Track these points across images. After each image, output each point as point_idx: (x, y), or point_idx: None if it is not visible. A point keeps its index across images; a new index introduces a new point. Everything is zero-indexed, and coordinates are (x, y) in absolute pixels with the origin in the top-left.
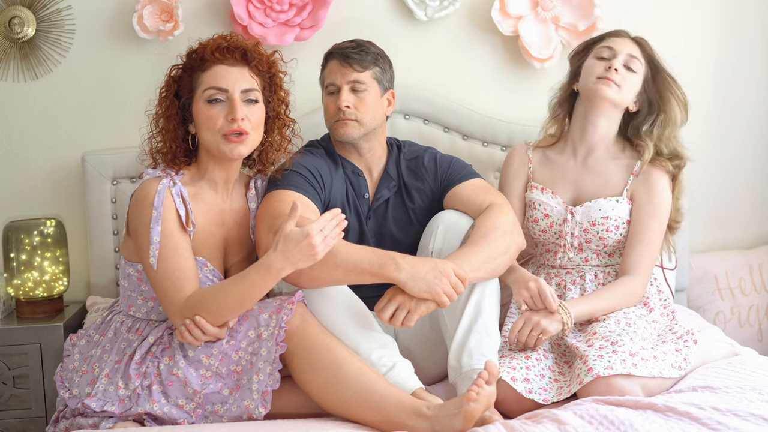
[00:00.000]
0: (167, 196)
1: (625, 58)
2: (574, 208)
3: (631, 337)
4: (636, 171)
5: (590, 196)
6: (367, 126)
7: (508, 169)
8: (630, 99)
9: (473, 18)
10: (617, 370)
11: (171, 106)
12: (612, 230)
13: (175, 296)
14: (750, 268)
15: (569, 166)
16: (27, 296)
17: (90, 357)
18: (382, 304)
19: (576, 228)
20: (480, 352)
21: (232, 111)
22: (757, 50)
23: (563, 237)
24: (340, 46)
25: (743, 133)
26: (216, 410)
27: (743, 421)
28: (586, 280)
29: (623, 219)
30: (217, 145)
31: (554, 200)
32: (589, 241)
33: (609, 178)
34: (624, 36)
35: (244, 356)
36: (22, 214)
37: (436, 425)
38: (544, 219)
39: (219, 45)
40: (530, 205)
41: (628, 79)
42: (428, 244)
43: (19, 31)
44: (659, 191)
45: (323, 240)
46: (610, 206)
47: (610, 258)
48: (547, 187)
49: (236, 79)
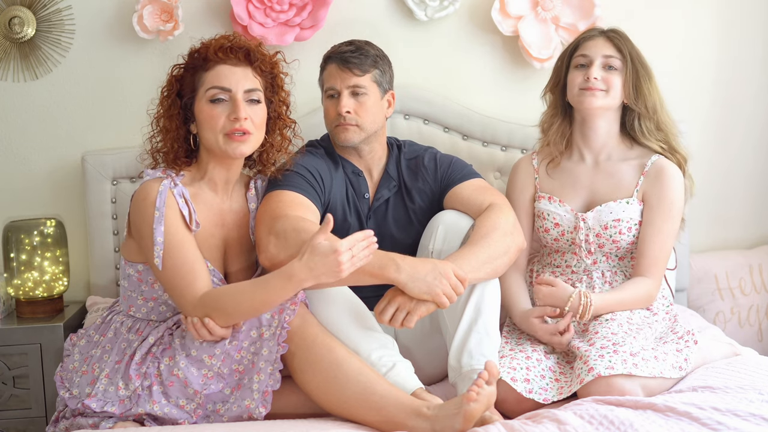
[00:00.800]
0: (169, 196)
1: (601, 62)
2: (585, 214)
3: (634, 336)
4: (647, 171)
5: (604, 199)
6: (367, 130)
7: (513, 183)
8: (619, 97)
9: (473, 18)
10: (618, 369)
11: (173, 106)
12: (625, 232)
13: (187, 291)
14: (750, 268)
15: (581, 170)
16: (27, 296)
17: (90, 357)
18: (382, 305)
19: (590, 233)
20: (480, 352)
21: (235, 110)
22: (757, 50)
23: (577, 244)
24: (338, 50)
25: (743, 133)
26: (217, 409)
27: (743, 421)
28: (593, 279)
29: (635, 220)
30: (219, 144)
31: (562, 208)
32: (603, 246)
33: (621, 180)
34: (596, 37)
35: (246, 356)
36: (22, 214)
37: (436, 425)
38: (555, 228)
39: (222, 45)
40: (539, 215)
41: (612, 81)
42: (428, 245)
43: (19, 31)
44: (671, 189)
45: (350, 258)
46: (620, 209)
47: (620, 262)
48: (554, 196)
49: (239, 79)
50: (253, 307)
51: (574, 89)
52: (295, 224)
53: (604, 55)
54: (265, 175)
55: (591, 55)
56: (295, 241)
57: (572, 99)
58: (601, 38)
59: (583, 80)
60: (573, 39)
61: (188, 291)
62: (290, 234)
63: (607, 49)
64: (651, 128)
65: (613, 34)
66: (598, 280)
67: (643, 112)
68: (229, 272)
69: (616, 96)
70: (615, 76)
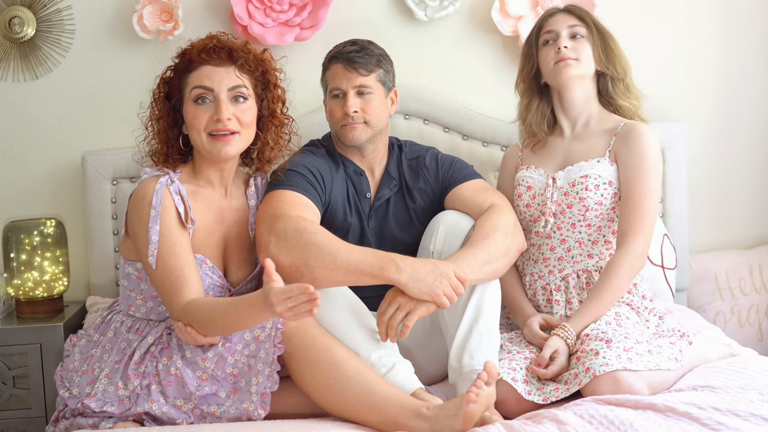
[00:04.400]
0: (165, 193)
1: (567, 32)
2: (556, 174)
3: (625, 335)
4: (618, 132)
5: (577, 161)
6: (374, 128)
7: (502, 174)
8: (592, 64)
9: (473, 18)
10: (613, 365)
11: (163, 108)
12: (591, 189)
13: (174, 297)
14: (750, 268)
15: (560, 141)
16: (27, 296)
17: (90, 357)
18: (383, 307)
19: (556, 192)
20: (480, 352)
21: (217, 111)
22: (758, 50)
23: (545, 204)
24: (343, 50)
25: (744, 134)
26: (213, 411)
27: (743, 421)
28: (570, 285)
29: (604, 179)
30: (204, 145)
31: (536, 172)
32: (571, 206)
33: (595, 144)
34: (556, 13)
35: (241, 359)
36: (22, 214)
37: (435, 426)
38: (527, 191)
39: (206, 45)
40: (516, 184)
41: (581, 49)
42: (429, 245)
43: (19, 31)
44: (643, 146)
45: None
46: (589, 166)
47: (593, 246)
48: (531, 165)
49: (222, 78)
50: (224, 326)
51: (549, 65)
52: (296, 224)
53: (568, 26)
54: (265, 173)
55: (556, 29)
56: (295, 241)
57: (548, 76)
58: (562, 13)
59: (554, 54)
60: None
61: (175, 297)
62: (291, 234)
63: (570, 20)
64: (623, 89)
65: (572, 7)
66: (573, 290)
67: (614, 74)
68: (229, 269)
69: (588, 63)
70: (583, 43)
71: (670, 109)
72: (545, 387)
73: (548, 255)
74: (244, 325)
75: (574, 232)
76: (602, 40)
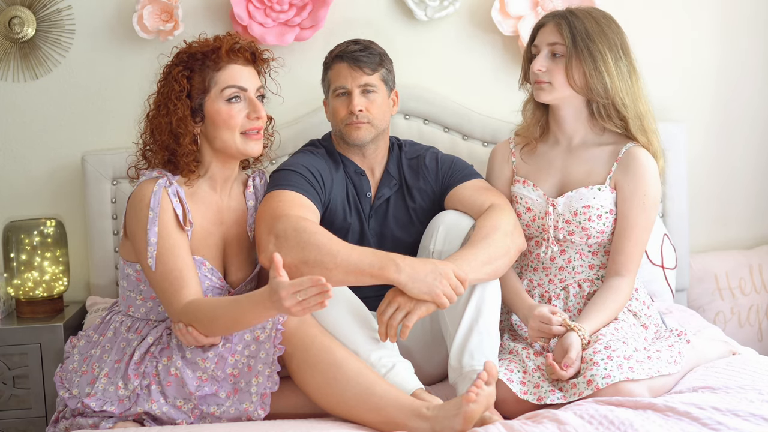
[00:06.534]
0: (163, 196)
1: (546, 52)
2: (555, 200)
3: (623, 341)
4: (620, 158)
5: (576, 184)
6: (378, 127)
7: (490, 169)
8: (565, 87)
9: (473, 18)
10: (615, 377)
11: (183, 107)
12: (594, 219)
13: (173, 298)
14: (750, 268)
15: (555, 153)
16: (27, 296)
17: (90, 357)
18: (383, 307)
19: (559, 220)
20: (480, 352)
21: (255, 110)
22: (759, 50)
23: (546, 230)
24: (347, 49)
25: (744, 134)
26: (212, 411)
27: (743, 421)
28: (570, 294)
29: (606, 208)
30: (235, 143)
31: (535, 193)
32: (572, 233)
33: (594, 166)
34: (547, 23)
35: (241, 359)
36: (22, 214)
37: (435, 426)
38: (527, 213)
39: (233, 46)
40: (513, 199)
41: (556, 72)
42: (429, 245)
43: (19, 31)
44: (645, 181)
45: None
46: (591, 195)
47: (594, 257)
48: (528, 180)
49: (249, 77)
50: (226, 324)
51: (532, 82)
52: (296, 224)
53: (548, 43)
54: (259, 172)
55: (539, 45)
56: (295, 241)
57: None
58: (551, 24)
59: (533, 73)
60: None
61: (175, 298)
62: (290, 234)
63: (552, 36)
64: (609, 111)
65: (565, 15)
66: (573, 299)
67: (593, 97)
68: (228, 270)
69: (561, 87)
70: (559, 65)
71: (671, 109)
72: (541, 387)
73: (548, 264)
74: (246, 323)
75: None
76: (578, 60)
